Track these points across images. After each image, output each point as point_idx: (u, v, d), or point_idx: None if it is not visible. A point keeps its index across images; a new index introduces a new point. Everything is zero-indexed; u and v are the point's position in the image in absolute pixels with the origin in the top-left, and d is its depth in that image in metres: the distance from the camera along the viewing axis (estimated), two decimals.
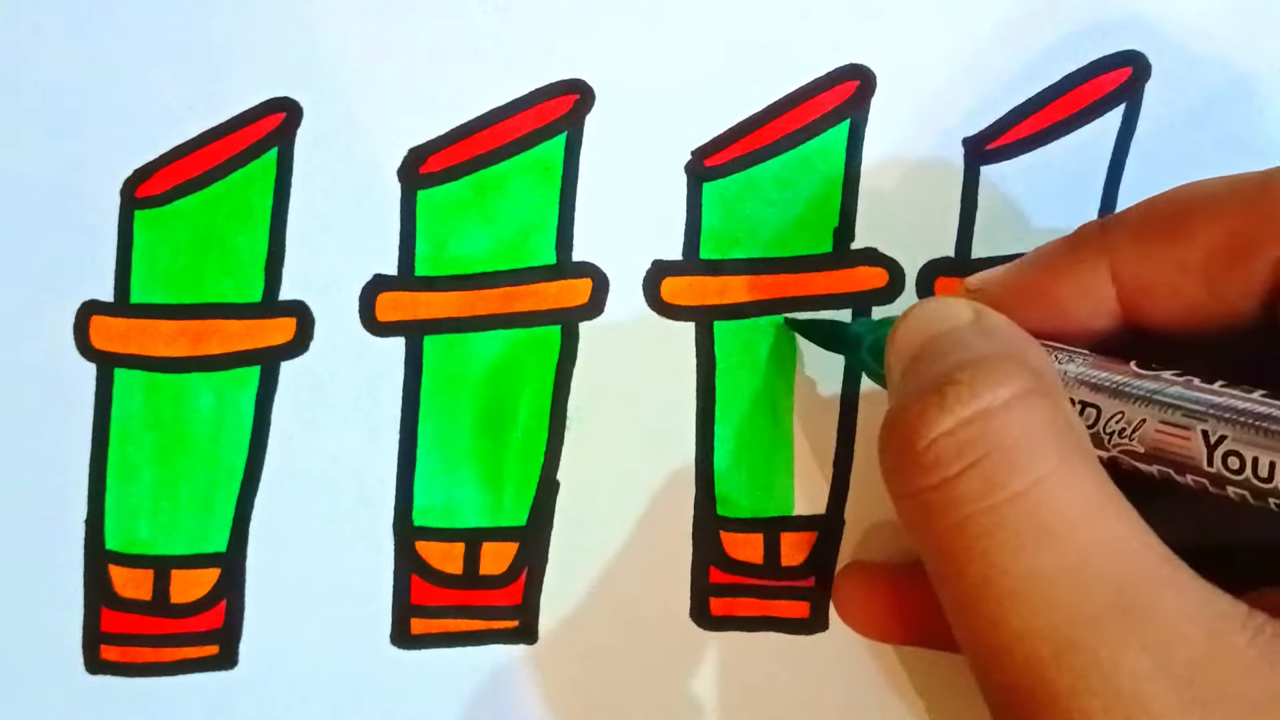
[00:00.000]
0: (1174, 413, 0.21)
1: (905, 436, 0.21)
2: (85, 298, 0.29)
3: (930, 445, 0.21)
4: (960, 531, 0.20)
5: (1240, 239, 0.22)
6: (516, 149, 0.29)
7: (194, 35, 0.29)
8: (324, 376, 0.29)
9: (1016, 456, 0.20)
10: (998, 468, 0.20)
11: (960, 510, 0.20)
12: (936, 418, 0.21)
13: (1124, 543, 0.20)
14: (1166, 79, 0.29)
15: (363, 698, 0.29)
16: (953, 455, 0.20)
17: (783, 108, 0.29)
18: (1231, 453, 0.21)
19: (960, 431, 0.20)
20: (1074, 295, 0.24)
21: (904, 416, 0.21)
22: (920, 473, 0.21)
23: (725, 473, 0.29)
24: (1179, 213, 0.23)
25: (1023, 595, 0.20)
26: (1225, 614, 0.19)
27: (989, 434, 0.20)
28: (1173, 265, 0.23)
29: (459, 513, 0.29)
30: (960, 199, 0.29)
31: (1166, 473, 0.22)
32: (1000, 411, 0.20)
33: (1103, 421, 0.22)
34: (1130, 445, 0.22)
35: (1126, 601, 0.19)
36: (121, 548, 0.29)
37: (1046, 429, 0.21)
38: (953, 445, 0.20)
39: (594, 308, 0.29)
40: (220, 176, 0.29)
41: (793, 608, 0.30)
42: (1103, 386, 0.22)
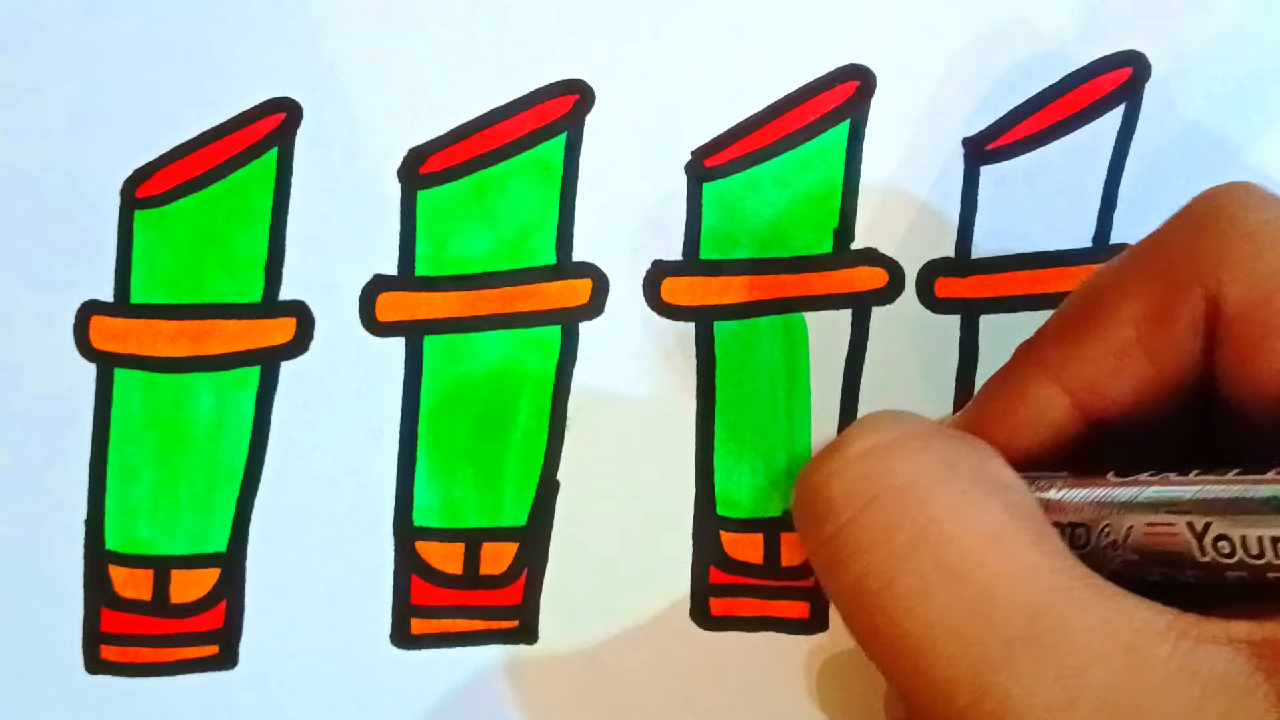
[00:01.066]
0: (1157, 511, 0.21)
1: (800, 489, 0.21)
2: (85, 298, 0.29)
3: (821, 492, 0.20)
4: (864, 583, 0.20)
5: (1163, 302, 0.22)
6: (516, 149, 0.29)
7: (194, 35, 0.29)
8: (324, 376, 0.29)
9: (909, 496, 0.20)
10: (890, 509, 0.20)
11: (860, 560, 0.20)
12: (825, 460, 0.20)
13: (1034, 570, 0.19)
14: (1166, 79, 0.29)
15: (363, 698, 0.29)
16: (844, 499, 0.20)
17: (783, 108, 0.29)
18: (1220, 536, 0.20)
19: (850, 471, 0.20)
20: (1028, 417, 0.23)
21: (802, 471, 0.21)
22: (817, 523, 0.20)
23: (725, 473, 0.29)
24: (1098, 304, 0.22)
25: (935, 644, 0.19)
26: (1146, 625, 0.18)
27: (877, 473, 0.20)
28: (1108, 354, 0.22)
29: (459, 513, 0.29)
30: (960, 199, 0.29)
31: (1167, 573, 0.21)
32: (889, 449, 0.20)
33: (1094, 538, 0.22)
34: (1126, 555, 0.21)
35: (1038, 630, 0.19)
36: (121, 548, 0.29)
37: (943, 464, 0.20)
38: (843, 488, 0.20)
39: (594, 308, 0.29)
40: (220, 176, 0.29)
41: (793, 608, 0.30)
42: (1085, 504, 0.22)
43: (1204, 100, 0.29)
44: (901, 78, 0.29)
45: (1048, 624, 0.19)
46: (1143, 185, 0.29)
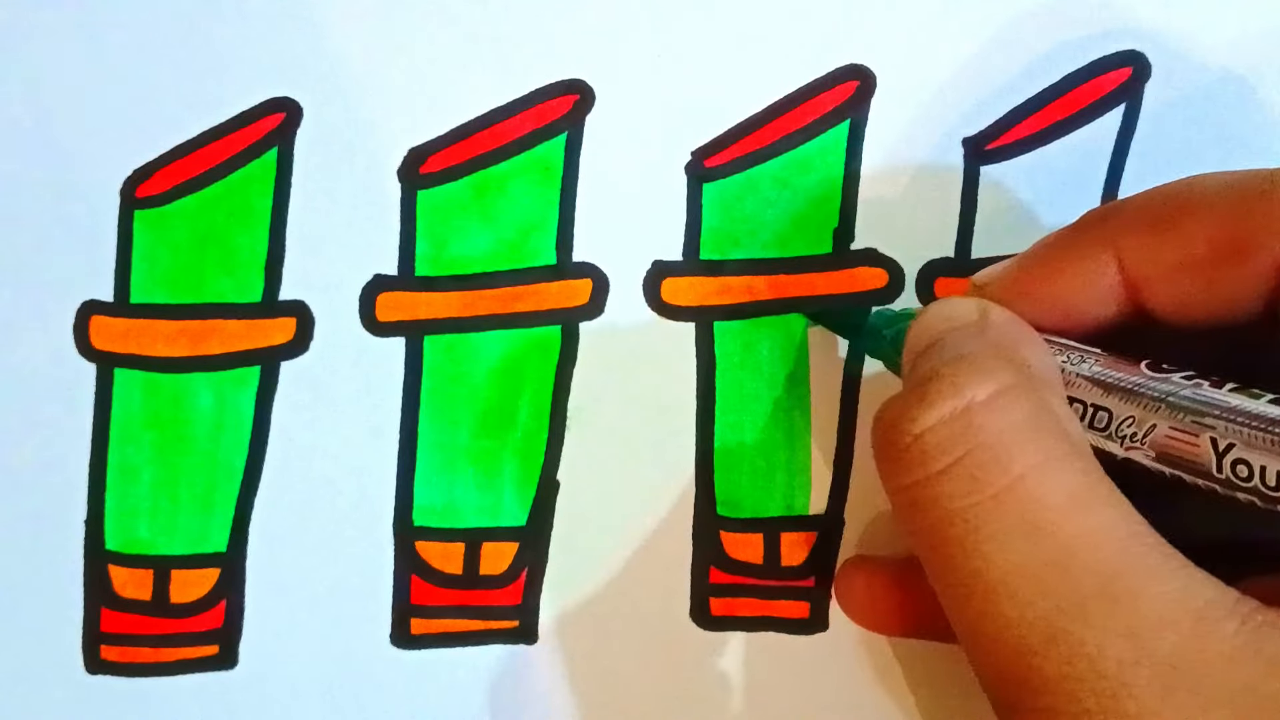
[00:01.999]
0: (1183, 417, 0.21)
1: (890, 433, 0.22)
2: (85, 298, 0.29)
3: (914, 441, 0.21)
4: (947, 526, 0.21)
5: (1240, 238, 0.22)
6: (516, 149, 0.29)
7: (194, 35, 0.29)
8: (324, 376, 0.29)
9: (999, 453, 0.20)
10: (981, 464, 0.20)
11: (946, 506, 0.21)
12: (919, 414, 0.21)
13: (1110, 533, 0.20)
14: (1166, 79, 0.29)
15: (363, 698, 0.29)
16: (937, 451, 0.21)
17: (783, 108, 0.29)
18: (1240, 460, 0.21)
19: (943, 428, 0.21)
20: (1079, 286, 0.24)
21: (889, 413, 0.22)
22: (906, 469, 0.21)
23: (725, 473, 0.29)
24: (1180, 207, 0.23)
25: (1010, 587, 0.20)
26: (1213, 601, 0.19)
27: (971, 430, 0.21)
28: (1172, 259, 0.23)
29: (459, 513, 0.29)
30: (960, 199, 0.29)
31: (1178, 476, 0.22)
32: (982, 408, 0.21)
33: (1114, 424, 0.22)
34: (1141, 449, 0.22)
35: (1113, 590, 0.20)
36: (121, 548, 0.29)
37: (1029, 424, 0.21)
38: (936, 442, 0.21)
39: (594, 308, 0.29)
40: (220, 176, 0.29)
41: (793, 608, 0.30)
42: (1114, 388, 0.22)
43: (1204, 100, 0.29)
44: (901, 78, 0.29)
45: (1124, 585, 0.20)
46: (1143, 185, 0.29)
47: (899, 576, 0.27)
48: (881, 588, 0.27)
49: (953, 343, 0.23)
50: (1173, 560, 0.20)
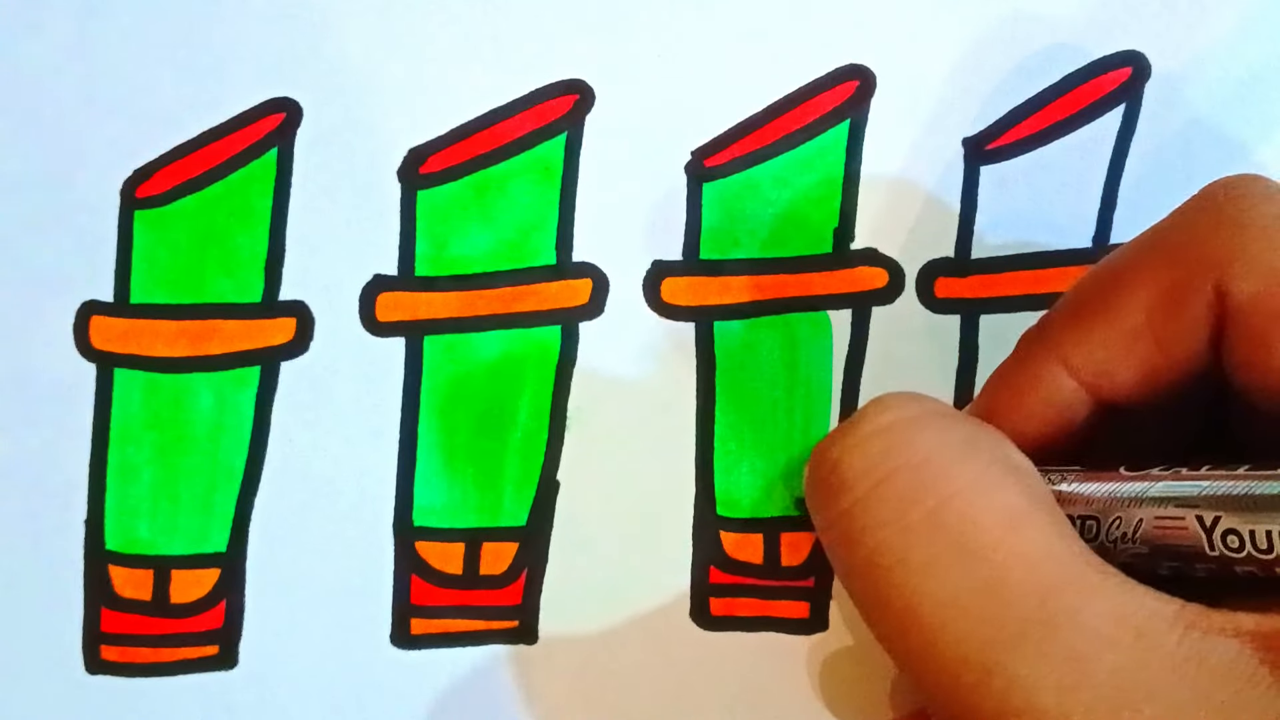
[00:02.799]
0: (1166, 505, 0.21)
1: (814, 464, 0.21)
2: (85, 298, 0.29)
3: (835, 467, 0.20)
4: (876, 559, 0.20)
5: (1174, 290, 0.22)
6: (516, 149, 0.29)
7: (194, 35, 0.29)
8: (324, 376, 0.29)
9: (926, 472, 0.20)
10: (907, 484, 0.20)
11: (873, 535, 0.20)
12: (841, 437, 0.20)
13: (1047, 553, 0.19)
14: (1166, 79, 0.29)
15: (363, 698, 0.29)
16: (859, 474, 0.20)
17: (783, 108, 0.29)
18: (1229, 531, 0.20)
19: (867, 445, 0.20)
20: (1039, 403, 0.23)
21: (816, 447, 0.21)
22: (830, 498, 0.20)
23: (725, 473, 0.29)
24: (1109, 288, 0.22)
25: (945, 622, 0.19)
26: (1155, 615, 0.19)
27: (896, 447, 0.20)
28: (1119, 338, 0.22)
29: (459, 513, 0.29)
30: (960, 199, 0.29)
31: (1176, 568, 0.21)
32: (908, 426, 0.20)
33: (1104, 531, 0.22)
34: (1136, 548, 0.21)
35: (1049, 612, 0.19)
36: (121, 548, 0.29)
37: (961, 444, 0.20)
38: (860, 462, 0.20)
39: (594, 308, 0.29)
40: (220, 176, 0.29)
41: (793, 608, 0.30)
42: (1095, 498, 0.22)
43: (1204, 100, 0.29)
44: (901, 78, 0.29)
45: (1060, 606, 0.19)
46: (1143, 185, 0.29)
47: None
48: None
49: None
50: (1112, 577, 0.19)
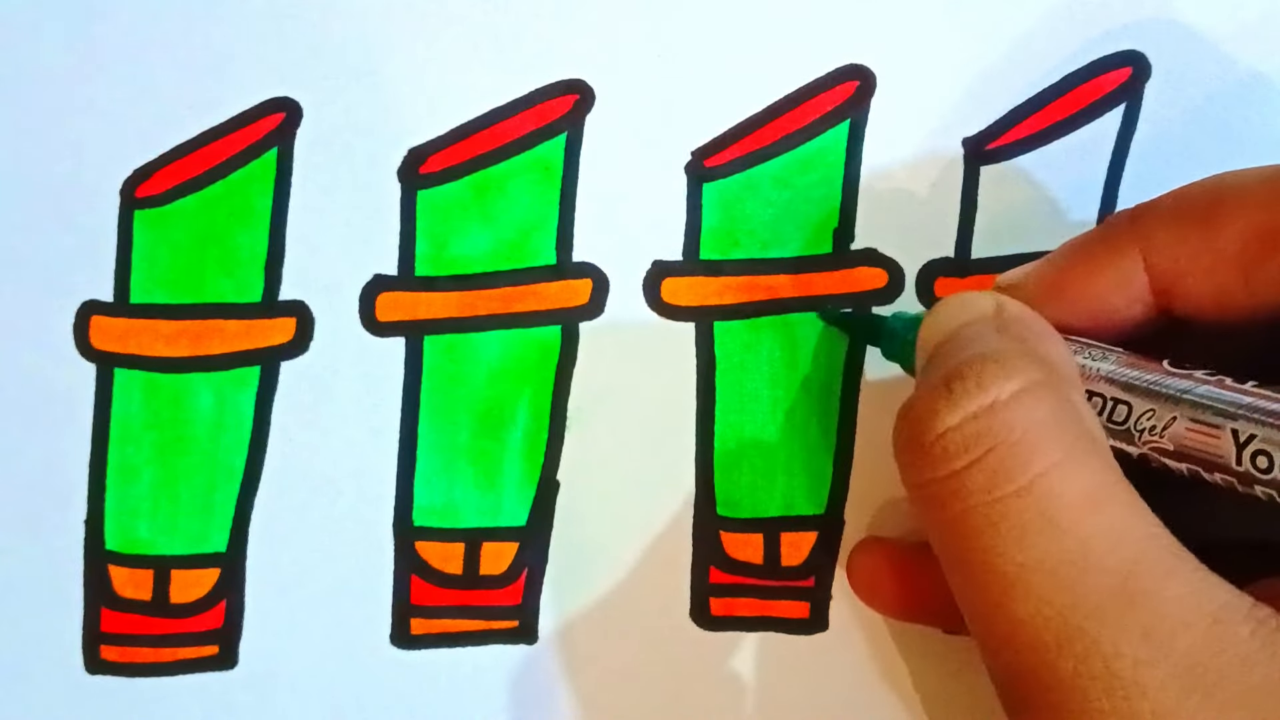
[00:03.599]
0: (1204, 412, 0.22)
1: (914, 430, 0.22)
2: (85, 298, 0.29)
3: (937, 439, 0.21)
4: (967, 521, 0.21)
5: (1275, 231, 0.22)
6: (516, 149, 0.29)
7: (194, 35, 0.29)
8: (324, 376, 0.29)
9: (1021, 450, 0.21)
10: (1003, 461, 0.21)
11: (966, 502, 0.21)
12: (944, 412, 0.21)
13: (1129, 533, 0.20)
14: (1166, 79, 0.29)
15: (363, 698, 0.29)
16: (959, 449, 0.21)
17: (783, 108, 0.29)
18: (1260, 452, 0.21)
19: (967, 426, 0.21)
20: (1107, 288, 0.24)
21: (914, 411, 0.22)
22: (929, 465, 0.21)
23: (725, 473, 0.29)
24: (1212, 201, 0.23)
25: (1026, 584, 0.20)
26: (1229, 605, 0.20)
27: (995, 428, 0.21)
28: (1207, 252, 0.23)
29: (459, 513, 0.29)
30: (960, 199, 0.29)
31: (1195, 471, 0.22)
32: (1006, 406, 0.21)
33: (1133, 418, 0.22)
34: (1159, 443, 0.22)
35: (1130, 590, 0.20)
36: (121, 548, 0.29)
37: (1052, 422, 0.21)
38: (959, 439, 0.21)
39: (594, 308, 0.29)
40: (220, 176, 0.29)
41: (793, 608, 0.30)
42: (1134, 384, 0.23)
43: (1204, 100, 0.29)
44: (901, 78, 0.29)
45: (1140, 585, 0.20)
46: (1143, 185, 0.29)
47: (909, 561, 0.27)
48: (891, 571, 0.28)
49: (971, 338, 0.23)
50: (1188, 562, 0.20)
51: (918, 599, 0.27)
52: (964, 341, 0.23)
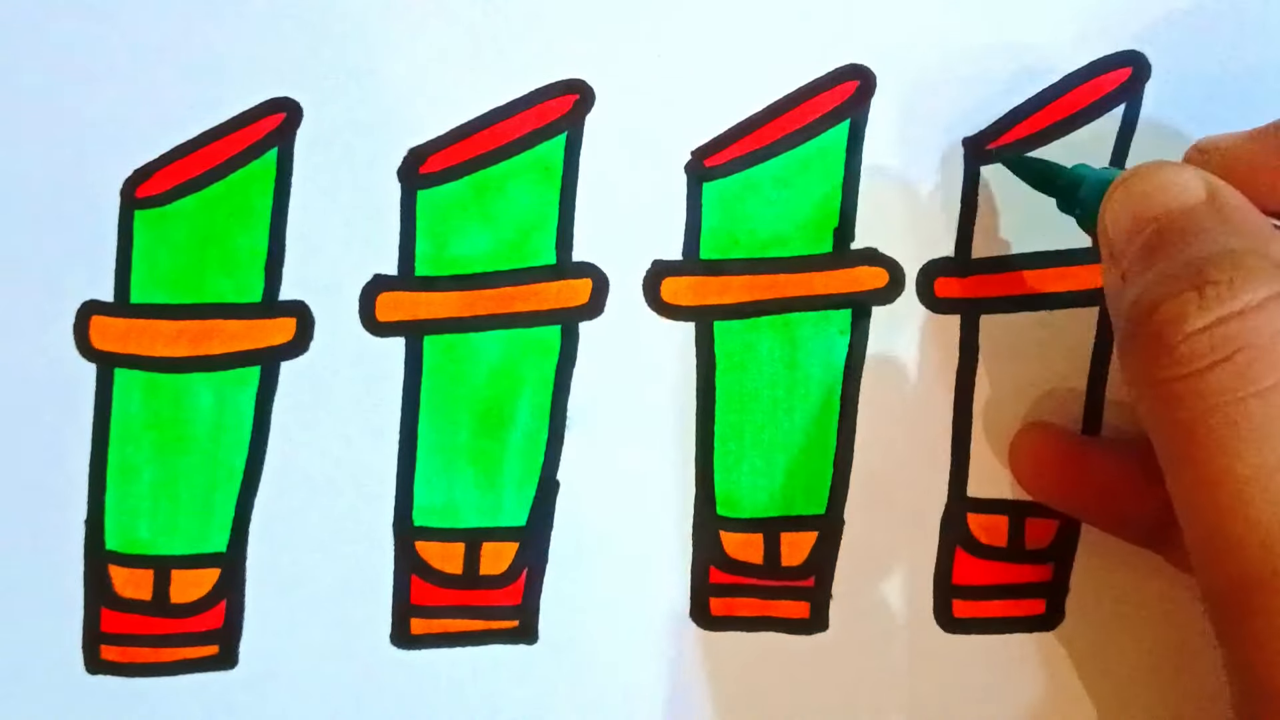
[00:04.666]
0: None
1: (1161, 329, 0.21)
2: (85, 298, 0.29)
3: (1185, 339, 0.21)
4: (1205, 421, 0.21)
5: None
6: (516, 149, 0.29)
7: (194, 35, 0.29)
8: (324, 376, 0.29)
9: (1269, 354, 0.21)
10: (1250, 364, 0.21)
11: (1207, 401, 0.21)
12: (1195, 315, 0.21)
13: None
14: (1166, 79, 0.29)
15: (363, 698, 0.29)
16: (1205, 350, 0.21)
17: (783, 108, 0.29)
18: None
19: (1216, 329, 0.21)
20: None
21: (1162, 310, 0.22)
22: (1172, 364, 0.21)
23: (725, 473, 0.29)
24: None
25: (1262, 486, 0.20)
26: None
27: (1245, 332, 0.21)
28: None
29: (459, 513, 0.29)
30: (960, 199, 0.29)
31: None
32: (1255, 311, 0.21)
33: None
34: None
35: None
36: (121, 548, 0.29)
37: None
38: (1208, 341, 0.21)
39: (594, 308, 0.29)
40: (220, 176, 0.29)
41: (793, 608, 0.30)
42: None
43: (1204, 100, 0.29)
44: (901, 78, 0.29)
45: None
46: None
47: (1076, 452, 0.28)
48: (1056, 457, 0.28)
49: (1196, 230, 0.22)
50: None
51: (1078, 491, 0.28)
52: (1189, 232, 0.23)
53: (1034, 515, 0.29)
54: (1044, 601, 0.30)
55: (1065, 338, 0.29)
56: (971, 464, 0.29)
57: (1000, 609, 0.30)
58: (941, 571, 0.29)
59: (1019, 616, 0.30)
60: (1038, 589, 0.30)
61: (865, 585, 0.30)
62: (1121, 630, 0.30)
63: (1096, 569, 0.29)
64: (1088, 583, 0.30)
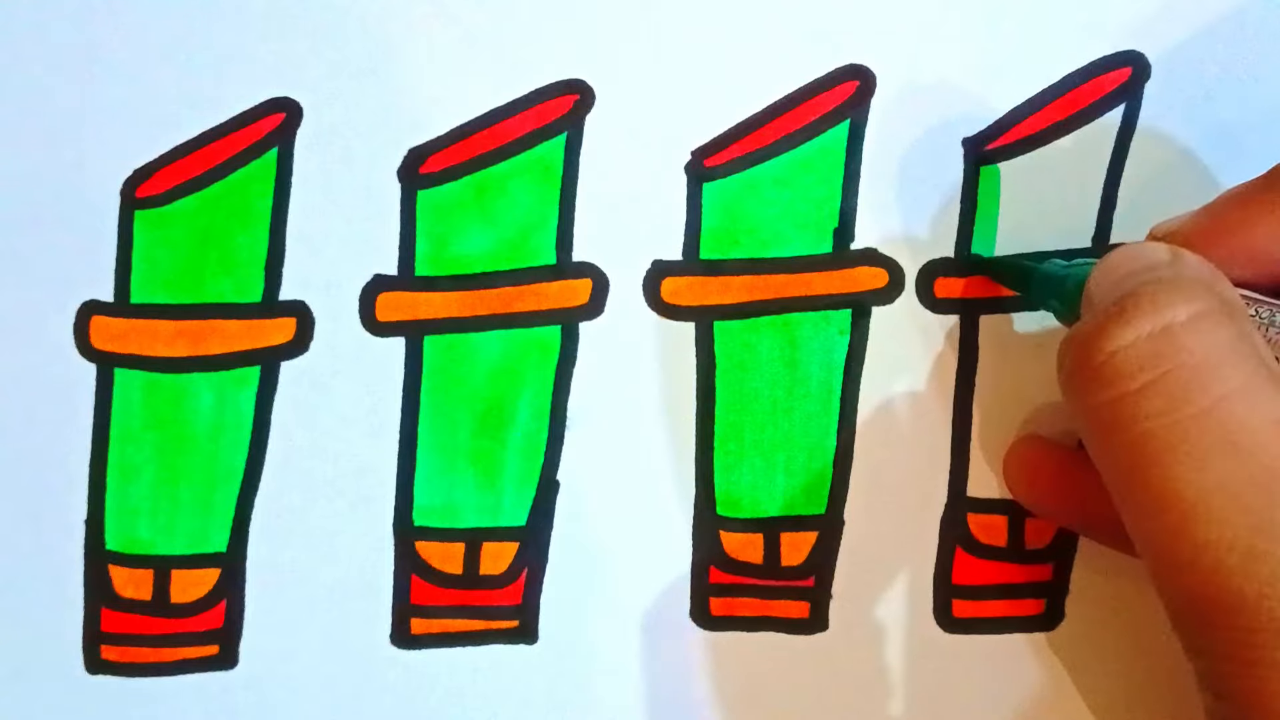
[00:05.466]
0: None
1: (1084, 350, 0.21)
2: (85, 298, 0.29)
3: (1108, 359, 0.21)
4: (1143, 445, 0.21)
5: None
6: (516, 149, 0.29)
7: (194, 35, 0.29)
8: (324, 376, 0.29)
9: (1201, 373, 0.21)
10: (1181, 383, 0.21)
11: (1143, 425, 0.21)
12: (1116, 331, 0.21)
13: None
14: (1166, 79, 0.29)
15: (363, 698, 0.29)
16: (1134, 369, 0.21)
17: (783, 108, 0.29)
18: None
19: (1141, 346, 0.21)
20: (1269, 237, 0.24)
21: (1083, 330, 0.22)
22: (1102, 386, 0.21)
23: (725, 473, 0.29)
24: None
25: (1208, 506, 0.20)
26: None
27: (1172, 350, 0.21)
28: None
29: (459, 513, 0.29)
30: (960, 199, 0.29)
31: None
32: (1184, 329, 0.21)
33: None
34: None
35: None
36: (121, 548, 0.29)
37: (1231, 348, 0.21)
38: (1134, 359, 0.21)
39: (594, 308, 0.29)
40: (220, 176, 0.29)
41: (793, 608, 0.30)
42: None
43: (1204, 100, 0.29)
44: (901, 78, 0.29)
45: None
46: (1143, 185, 0.29)
47: (1070, 464, 0.28)
48: (1050, 470, 0.28)
49: (1143, 273, 0.22)
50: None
51: (1071, 503, 0.28)
52: (1136, 276, 0.22)
53: (1033, 515, 0.29)
54: (1044, 601, 0.30)
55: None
56: (971, 464, 0.29)
57: (1000, 609, 0.30)
58: (941, 571, 0.29)
59: (1019, 616, 0.30)
60: (1037, 589, 0.30)
61: (865, 585, 0.30)
62: (1121, 630, 0.30)
63: (1096, 569, 0.30)
64: (1088, 583, 0.30)
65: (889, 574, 0.30)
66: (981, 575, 0.30)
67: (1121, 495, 0.22)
